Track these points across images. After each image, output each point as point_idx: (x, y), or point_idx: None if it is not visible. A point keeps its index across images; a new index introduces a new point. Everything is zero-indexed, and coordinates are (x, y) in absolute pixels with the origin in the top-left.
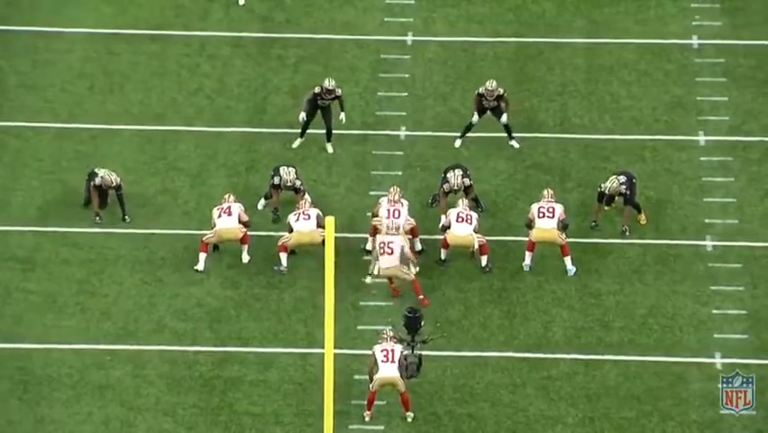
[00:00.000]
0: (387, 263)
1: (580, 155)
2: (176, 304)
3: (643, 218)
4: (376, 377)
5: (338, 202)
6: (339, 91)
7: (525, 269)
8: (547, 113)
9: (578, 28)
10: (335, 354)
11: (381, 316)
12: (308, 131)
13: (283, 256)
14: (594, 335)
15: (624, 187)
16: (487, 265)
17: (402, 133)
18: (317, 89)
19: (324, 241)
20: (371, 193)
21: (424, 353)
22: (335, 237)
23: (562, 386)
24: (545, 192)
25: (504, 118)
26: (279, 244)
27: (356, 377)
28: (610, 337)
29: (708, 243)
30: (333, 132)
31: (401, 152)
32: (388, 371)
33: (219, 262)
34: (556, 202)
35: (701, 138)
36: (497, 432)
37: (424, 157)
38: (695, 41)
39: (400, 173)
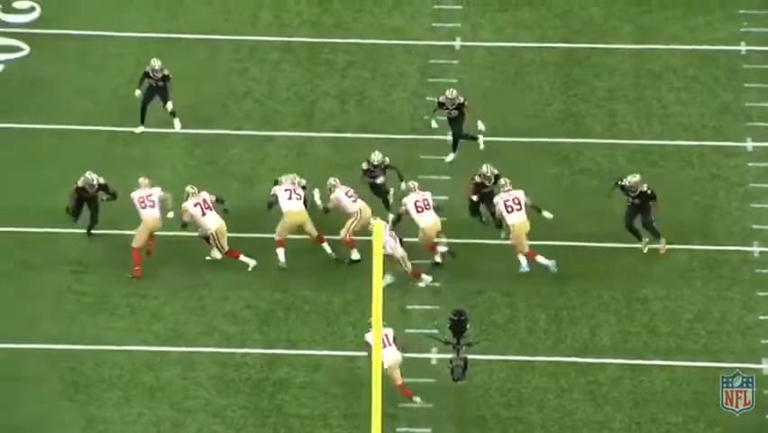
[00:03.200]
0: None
1: (628, 160)
2: (225, 306)
3: (663, 247)
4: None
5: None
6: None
7: (524, 270)
8: (595, 118)
9: (626, 33)
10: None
11: (428, 319)
12: (359, 135)
13: (280, 252)
14: (641, 340)
15: (646, 186)
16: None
17: (449, 137)
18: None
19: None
20: None
21: (469, 356)
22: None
23: (609, 391)
24: (503, 181)
25: (480, 125)
26: (277, 238)
27: (403, 380)
28: (657, 343)
29: (756, 248)
30: (390, 137)
31: (449, 156)
32: (391, 355)
33: (268, 264)
34: (516, 190)
35: (749, 144)
36: None
37: (471, 161)
38: (743, 48)
39: (448, 177)
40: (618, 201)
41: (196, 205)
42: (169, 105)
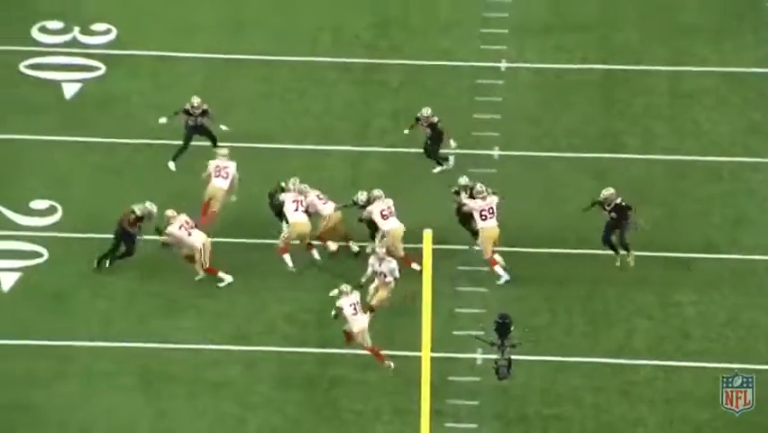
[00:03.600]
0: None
1: (662, 175)
2: (284, 308)
3: (631, 260)
4: (349, 330)
5: (434, 215)
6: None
7: (502, 281)
8: (631, 135)
9: (661, 56)
10: (432, 358)
11: (474, 322)
12: (410, 150)
13: (287, 257)
14: (673, 343)
15: (620, 198)
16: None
17: (495, 152)
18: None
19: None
20: None
21: (513, 357)
22: (433, 249)
23: (643, 390)
24: (479, 186)
25: (452, 143)
26: (281, 246)
27: (450, 378)
28: (688, 346)
29: None
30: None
31: (494, 171)
32: (361, 322)
33: (323, 268)
34: (491, 197)
35: None
36: (581, 431)
37: (515, 175)
38: None
39: (496, 189)
40: (656, 209)
41: (180, 227)
42: (222, 126)
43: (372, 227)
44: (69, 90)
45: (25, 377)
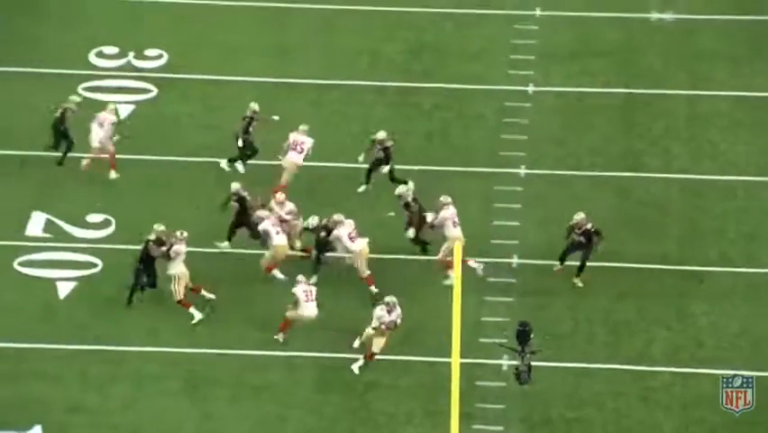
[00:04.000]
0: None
1: (680, 193)
2: (321, 315)
3: (579, 282)
4: (299, 314)
5: (465, 229)
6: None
7: (449, 283)
8: (651, 155)
9: (680, 81)
10: (460, 364)
11: (499, 330)
12: (441, 168)
13: (277, 272)
14: (689, 351)
15: (590, 225)
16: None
17: (522, 171)
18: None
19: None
20: (494, 223)
21: (535, 363)
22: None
23: (661, 396)
24: (443, 199)
25: (386, 169)
26: (265, 266)
27: (478, 383)
28: (703, 353)
29: None
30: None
31: (520, 188)
32: (311, 309)
33: (355, 279)
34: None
35: None
36: None
37: (540, 193)
38: None
39: (519, 206)
40: (673, 225)
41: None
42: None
43: (322, 248)
44: (124, 111)
45: (79, 380)
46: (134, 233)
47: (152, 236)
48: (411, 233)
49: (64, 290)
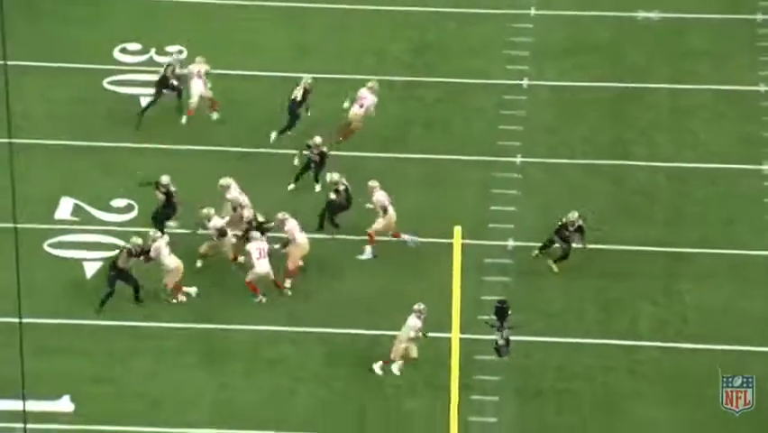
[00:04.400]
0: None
1: (665, 180)
2: (332, 296)
3: (555, 267)
4: (254, 272)
5: (465, 212)
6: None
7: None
8: (638, 144)
9: (665, 75)
10: (460, 339)
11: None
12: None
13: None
14: (675, 327)
15: (581, 220)
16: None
17: (518, 159)
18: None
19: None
20: (492, 208)
21: (512, 337)
22: (462, 243)
23: (648, 369)
24: (372, 183)
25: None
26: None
27: (476, 357)
28: (689, 329)
29: None
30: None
31: (517, 175)
32: (264, 266)
33: (365, 259)
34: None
35: (765, 167)
36: (591, 405)
37: (535, 179)
38: (762, 88)
39: (515, 192)
40: (660, 210)
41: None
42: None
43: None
44: (146, 102)
45: (105, 353)
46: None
47: (128, 245)
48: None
49: (90, 269)
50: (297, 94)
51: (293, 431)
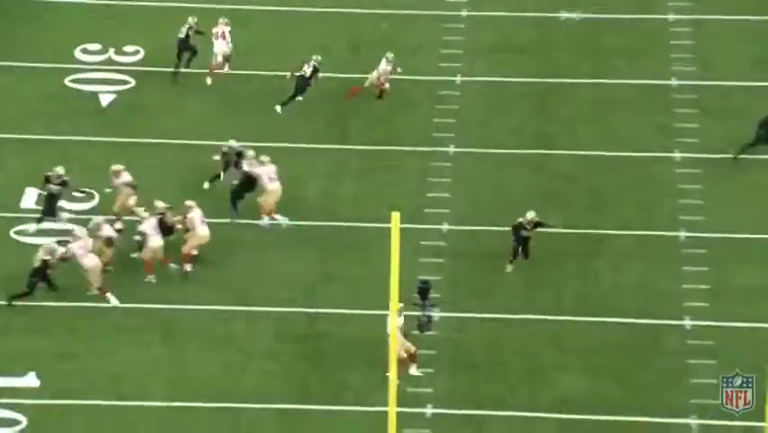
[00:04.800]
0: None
1: (585, 168)
2: (280, 277)
3: (509, 267)
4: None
5: (403, 199)
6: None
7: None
8: (561, 135)
9: (585, 71)
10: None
11: (436, 288)
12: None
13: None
14: (595, 302)
15: (537, 218)
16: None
17: (451, 149)
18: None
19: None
20: (428, 195)
21: (436, 314)
22: (400, 228)
23: (571, 342)
24: (264, 158)
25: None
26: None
27: (413, 333)
28: (607, 304)
29: (682, 234)
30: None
31: (450, 164)
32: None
33: (312, 243)
34: (271, 165)
35: (677, 155)
36: (518, 375)
37: (467, 168)
38: (674, 82)
39: (449, 180)
40: (580, 196)
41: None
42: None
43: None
44: (105, 100)
45: (68, 332)
46: (111, 204)
47: (46, 256)
48: (206, 185)
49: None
50: (307, 71)
51: (244, 402)
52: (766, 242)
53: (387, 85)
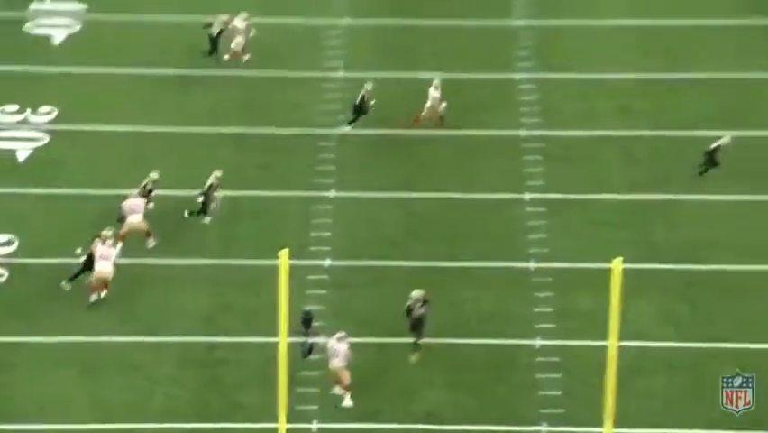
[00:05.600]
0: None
1: (447, 207)
2: (179, 310)
3: (414, 358)
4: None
5: (289, 240)
6: None
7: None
8: (425, 180)
9: (451, 123)
10: (288, 342)
11: (317, 316)
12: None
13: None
14: (458, 326)
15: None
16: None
17: (332, 194)
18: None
19: None
20: (311, 234)
21: (314, 340)
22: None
23: (436, 361)
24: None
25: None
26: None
27: (299, 357)
28: (469, 328)
29: (532, 264)
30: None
31: (330, 207)
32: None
33: (210, 276)
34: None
35: (527, 196)
36: (392, 392)
37: (346, 210)
38: (522, 132)
39: (329, 221)
40: (443, 232)
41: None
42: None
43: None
44: (22, 155)
45: None
46: (34, 248)
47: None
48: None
49: None
50: (359, 98)
51: (153, 422)
52: (604, 270)
53: (442, 109)
